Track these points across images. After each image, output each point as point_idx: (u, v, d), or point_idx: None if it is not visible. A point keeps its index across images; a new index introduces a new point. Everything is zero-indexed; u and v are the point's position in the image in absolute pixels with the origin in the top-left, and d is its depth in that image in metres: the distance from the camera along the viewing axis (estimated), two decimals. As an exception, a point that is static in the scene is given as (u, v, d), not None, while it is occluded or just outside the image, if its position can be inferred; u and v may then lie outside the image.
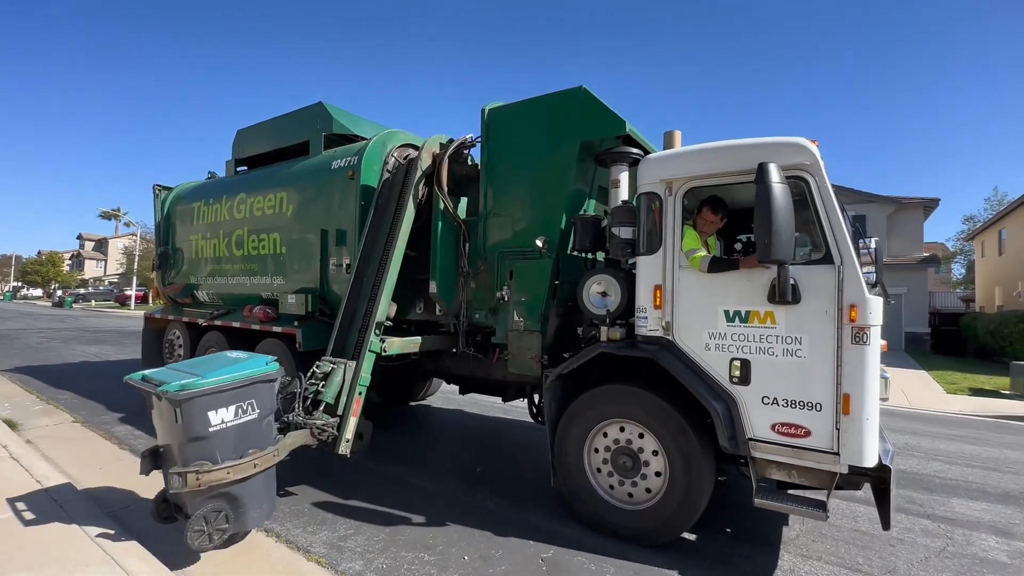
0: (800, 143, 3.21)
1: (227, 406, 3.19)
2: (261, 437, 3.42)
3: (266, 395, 3.43)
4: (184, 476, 3.01)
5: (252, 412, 3.32)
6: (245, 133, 7.31)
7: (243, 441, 3.27)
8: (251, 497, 3.30)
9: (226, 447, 3.18)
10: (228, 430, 3.19)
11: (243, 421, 3.26)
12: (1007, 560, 3.67)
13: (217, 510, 3.14)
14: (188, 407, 3.04)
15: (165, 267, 8.13)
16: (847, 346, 2.99)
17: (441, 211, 4.86)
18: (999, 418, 8.66)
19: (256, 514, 3.38)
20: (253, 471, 3.27)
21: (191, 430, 3.06)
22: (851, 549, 3.73)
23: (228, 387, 3.19)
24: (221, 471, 3.11)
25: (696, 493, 3.41)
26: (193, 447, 3.09)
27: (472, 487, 4.70)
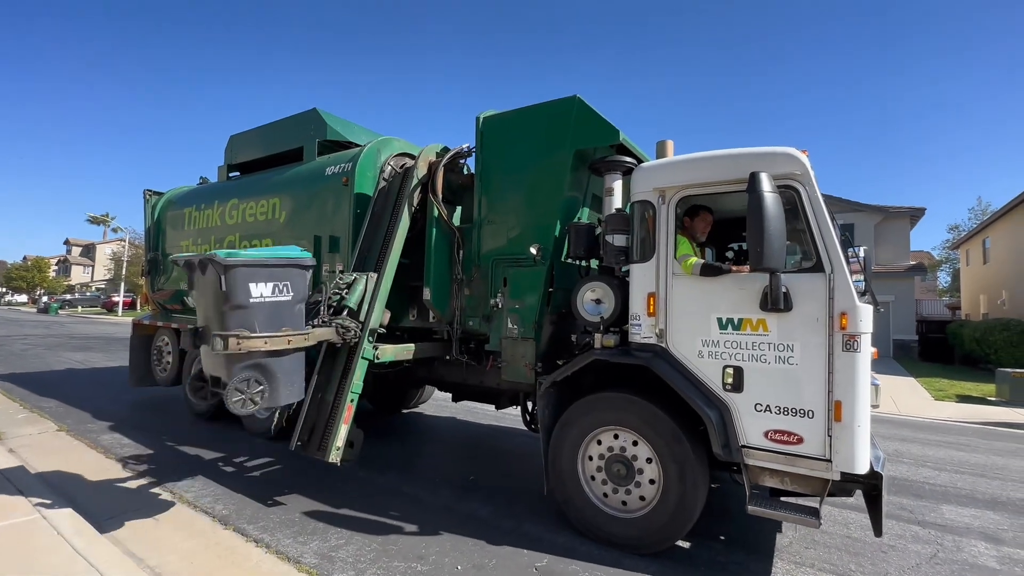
0: (791, 153, 3.26)
1: (266, 282, 3.54)
2: (293, 320, 3.72)
3: (299, 281, 3.78)
4: (226, 339, 3.31)
5: (287, 294, 3.66)
6: (238, 139, 7.29)
7: (277, 319, 3.59)
8: (283, 375, 3.62)
9: (263, 320, 3.49)
10: (265, 304, 3.52)
11: (278, 300, 3.60)
12: (996, 566, 3.71)
13: (255, 381, 3.45)
14: (232, 275, 3.37)
15: (155, 273, 8.04)
16: (838, 353, 3.03)
17: (436, 218, 4.86)
18: (986, 424, 8.77)
19: (287, 392, 3.68)
20: (287, 346, 3.60)
21: (233, 297, 3.39)
22: (843, 556, 3.75)
23: (268, 262, 3.57)
24: (259, 340, 3.44)
25: (690, 501, 3.41)
26: (234, 315, 3.41)
27: (465, 495, 4.67)
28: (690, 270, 3.52)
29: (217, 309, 3.43)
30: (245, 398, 3.40)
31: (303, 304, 3.86)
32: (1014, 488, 5.44)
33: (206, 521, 3.93)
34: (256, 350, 3.42)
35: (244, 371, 3.42)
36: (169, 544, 3.53)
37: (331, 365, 4.60)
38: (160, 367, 7.88)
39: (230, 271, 3.36)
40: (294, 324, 3.71)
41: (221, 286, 3.34)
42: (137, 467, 5.06)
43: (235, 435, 6.27)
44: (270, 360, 3.53)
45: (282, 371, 3.61)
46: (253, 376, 3.44)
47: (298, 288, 3.74)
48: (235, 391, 3.36)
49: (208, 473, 4.97)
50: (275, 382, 3.56)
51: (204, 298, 3.55)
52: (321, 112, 6.37)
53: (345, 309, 4.38)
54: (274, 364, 3.55)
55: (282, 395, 3.64)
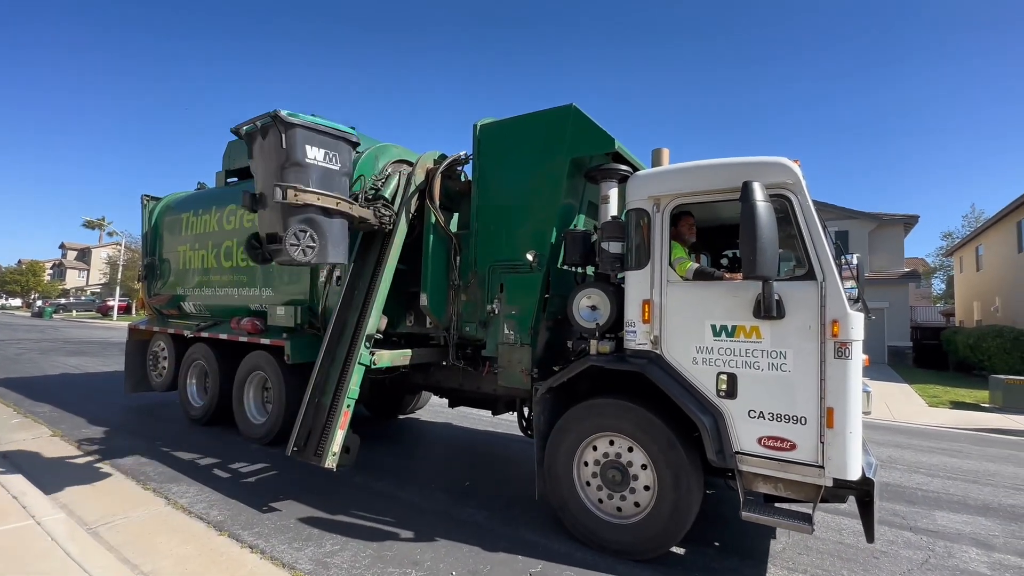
0: (783, 163, 3.31)
1: (319, 147, 4.02)
2: (339, 189, 4.20)
3: (346, 155, 4.29)
4: (285, 189, 3.77)
5: (335, 163, 4.15)
6: (237, 144, 7.30)
7: (327, 183, 4.08)
8: (331, 235, 4.13)
9: (315, 181, 3.98)
10: (318, 167, 4.01)
11: (328, 167, 4.09)
12: (987, 572, 3.74)
13: (304, 230, 3.92)
14: (291, 134, 3.83)
15: (151, 278, 8.04)
16: (830, 360, 3.06)
17: (433, 225, 4.90)
18: (979, 431, 8.82)
19: (334, 252, 4.18)
20: (335, 206, 4.11)
21: (292, 155, 3.84)
22: (836, 562, 3.77)
23: (322, 129, 4.04)
24: (312, 194, 3.94)
25: (684, 508, 3.43)
26: (291, 172, 3.86)
27: (461, 501, 4.68)
28: (684, 272, 3.58)
29: (277, 167, 3.87)
30: (300, 246, 3.88)
31: (348, 178, 4.37)
32: (1006, 494, 5.48)
33: (200, 527, 3.92)
34: (310, 203, 3.91)
35: (299, 224, 3.88)
36: (163, 550, 3.52)
37: (328, 369, 4.62)
38: (156, 372, 7.87)
39: (291, 129, 3.82)
40: (341, 192, 4.21)
41: (282, 143, 3.81)
42: (132, 473, 5.05)
43: (230, 440, 6.26)
44: (321, 218, 4.02)
45: (331, 232, 4.10)
46: (307, 229, 3.93)
47: (344, 161, 4.24)
48: (293, 238, 3.85)
49: (203, 479, 4.96)
50: (324, 240, 4.04)
51: (264, 162, 3.99)
52: (319, 118, 6.41)
53: (380, 199, 4.89)
54: (324, 223, 4.03)
55: (330, 253, 4.13)
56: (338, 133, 4.17)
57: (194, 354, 7.05)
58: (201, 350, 6.93)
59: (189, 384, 7.17)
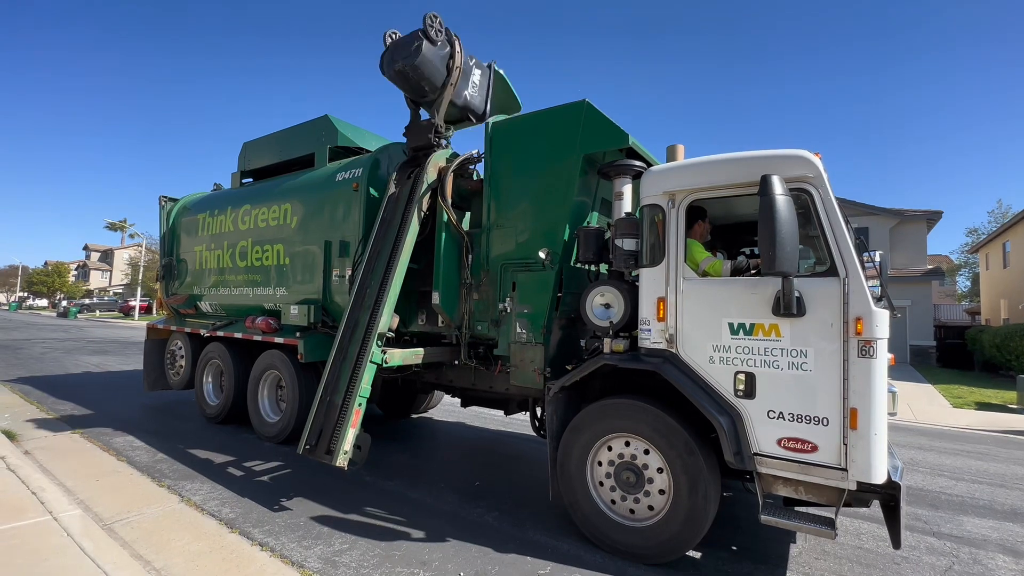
0: (803, 156, 3.21)
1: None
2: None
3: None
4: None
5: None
6: (251, 145, 7.37)
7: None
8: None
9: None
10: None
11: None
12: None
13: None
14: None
15: (169, 278, 8.15)
16: (853, 359, 2.96)
17: (445, 223, 4.87)
18: (1006, 433, 8.53)
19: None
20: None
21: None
22: (855, 567, 3.65)
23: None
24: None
25: (700, 514, 3.34)
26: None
27: (470, 501, 4.64)
28: (720, 271, 3.50)
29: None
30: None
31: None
32: None
33: (212, 524, 3.94)
34: None
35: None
36: (175, 546, 3.54)
37: (339, 368, 4.62)
38: (173, 371, 7.97)
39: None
40: None
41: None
42: (147, 470, 5.10)
43: (245, 439, 6.30)
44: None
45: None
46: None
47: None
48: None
49: (216, 476, 4.99)
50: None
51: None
52: (332, 119, 6.43)
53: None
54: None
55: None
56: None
57: (210, 353, 7.13)
58: (217, 349, 7.00)
59: (205, 382, 7.25)
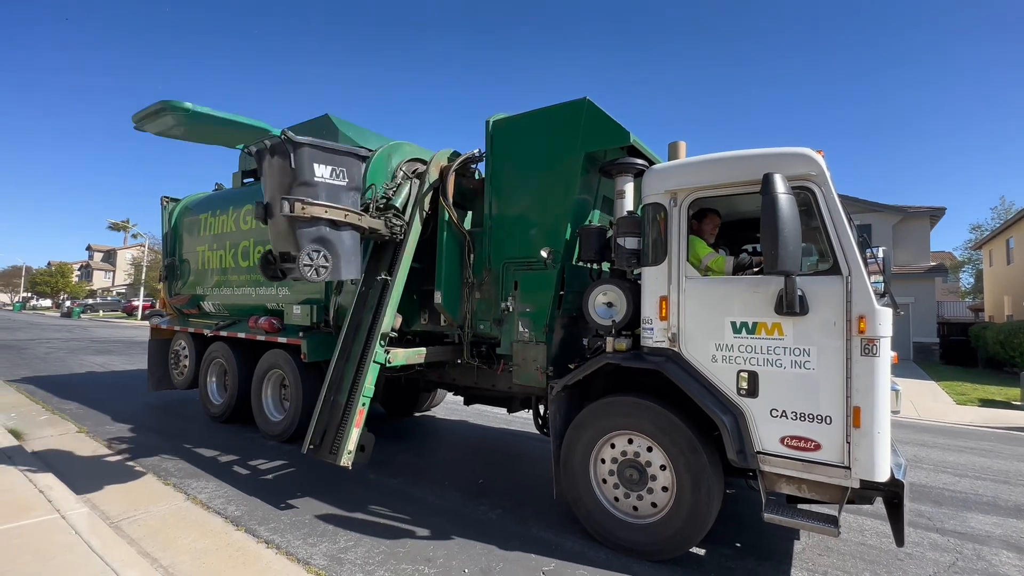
0: (806, 153, 3.20)
1: (326, 165, 4.00)
2: (347, 203, 4.18)
3: (355, 170, 4.23)
4: (292, 202, 3.77)
5: (343, 179, 4.12)
6: (252, 145, 7.38)
7: (335, 199, 4.06)
8: (344, 251, 4.13)
9: (323, 197, 3.96)
10: (325, 184, 4.00)
11: (335, 183, 4.06)
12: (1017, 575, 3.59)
13: (317, 250, 3.93)
14: (299, 153, 3.84)
15: (172, 278, 8.17)
16: (856, 358, 2.96)
17: (446, 222, 4.87)
18: (1010, 430, 8.51)
19: (347, 268, 4.17)
20: (343, 219, 4.09)
21: (300, 174, 3.85)
22: (858, 563, 3.66)
23: (330, 147, 4.04)
24: (320, 207, 3.92)
25: (703, 511, 3.35)
26: (299, 190, 3.86)
27: (474, 499, 4.66)
28: (723, 268, 3.51)
29: (283, 186, 3.88)
30: (314, 266, 3.90)
31: (358, 192, 4.34)
32: None
33: (218, 522, 3.97)
34: (318, 216, 3.91)
35: (311, 244, 3.91)
36: (182, 544, 3.57)
37: (343, 368, 4.63)
38: (177, 371, 8.00)
39: (299, 149, 3.84)
40: (350, 206, 4.21)
41: (290, 163, 3.81)
42: (153, 468, 5.13)
43: (249, 438, 6.33)
44: (331, 233, 4.04)
45: (342, 246, 4.11)
46: (321, 249, 3.95)
47: (353, 176, 4.21)
48: (306, 257, 3.85)
49: (222, 475, 5.02)
50: (337, 257, 4.05)
51: (272, 179, 4.00)
52: (333, 118, 6.42)
53: (392, 209, 4.86)
54: (335, 238, 4.06)
55: (343, 270, 4.13)
56: (345, 150, 4.17)
57: (213, 353, 7.15)
58: (220, 349, 7.02)
59: (209, 382, 7.28)
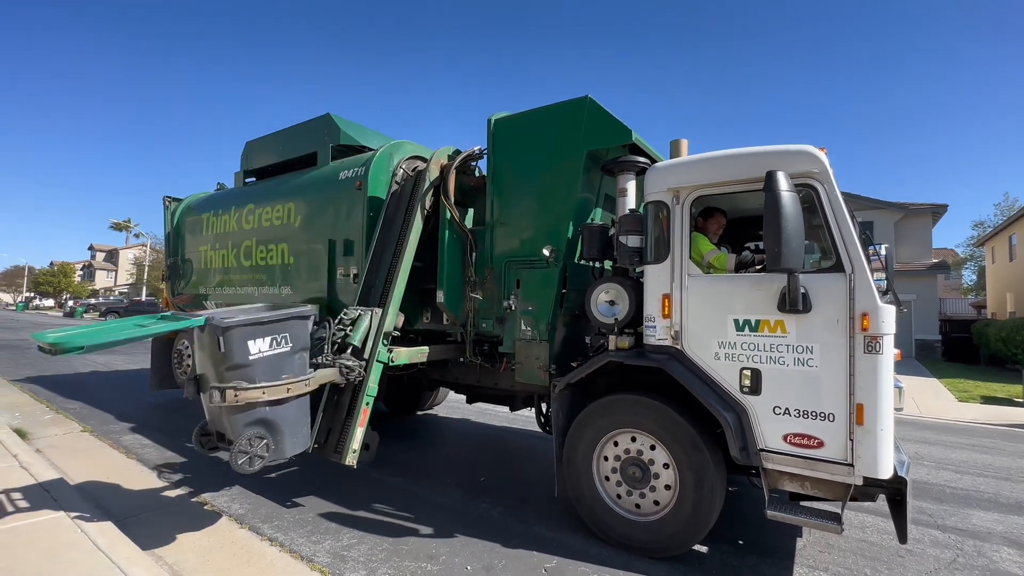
0: (808, 151, 3.20)
1: (264, 337, 3.47)
2: (293, 368, 3.66)
3: (300, 331, 3.72)
4: (224, 391, 3.26)
5: (286, 345, 3.58)
6: (254, 145, 7.39)
7: (277, 369, 3.52)
8: (287, 425, 3.58)
9: (262, 373, 3.44)
10: (264, 359, 3.46)
11: (277, 352, 3.53)
12: (1019, 572, 3.61)
13: (259, 436, 3.39)
14: (229, 336, 3.31)
15: (174, 278, 8.18)
16: (859, 355, 2.96)
17: (448, 220, 4.87)
18: (1012, 426, 8.52)
19: (292, 443, 3.64)
20: (286, 395, 3.53)
21: (232, 357, 3.31)
22: (859, 560, 3.67)
23: (265, 320, 3.50)
24: (256, 390, 3.37)
25: (706, 509, 3.36)
26: (233, 373, 3.35)
27: (476, 497, 4.68)
28: (724, 265, 3.52)
29: (216, 368, 3.37)
30: (251, 455, 3.33)
31: (305, 351, 3.78)
32: None
33: (223, 520, 3.99)
34: (256, 400, 3.38)
35: (248, 428, 3.36)
36: (187, 542, 3.59)
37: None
38: (180, 370, 8.02)
39: (227, 332, 3.27)
40: (295, 372, 3.63)
41: (219, 347, 3.28)
42: (157, 467, 5.16)
43: (252, 436, 6.35)
44: (273, 411, 3.47)
45: (286, 422, 3.56)
46: (256, 432, 3.38)
47: (299, 337, 3.68)
48: (240, 452, 3.29)
49: (225, 473, 5.03)
50: (279, 434, 3.51)
51: (203, 352, 3.50)
52: (334, 117, 6.43)
53: (349, 347, 4.24)
54: (277, 416, 3.49)
55: (287, 447, 3.59)
56: (286, 316, 3.60)
57: (216, 351, 7.17)
58: (223, 347, 7.03)
59: (212, 381, 7.30)
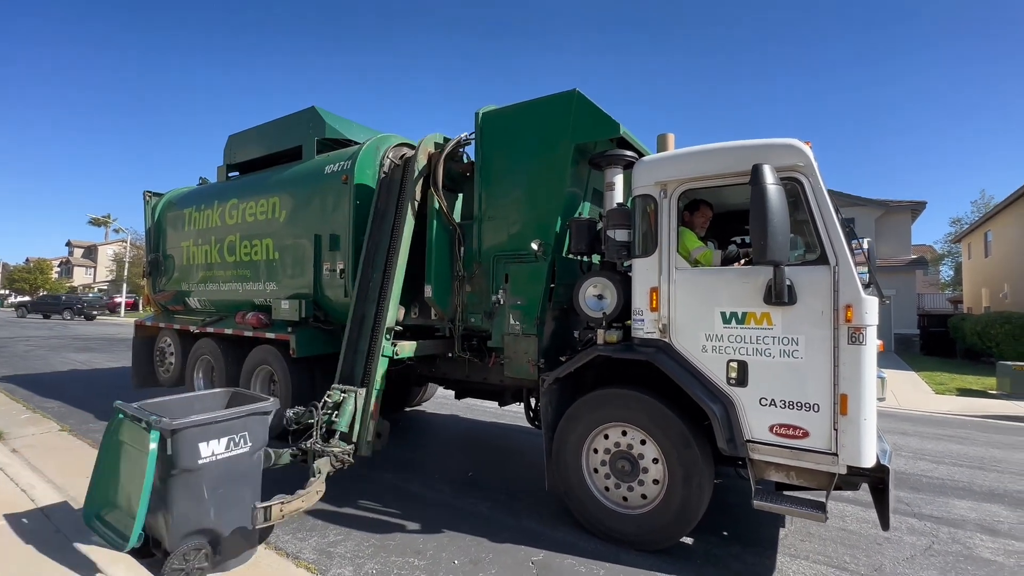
0: (794, 144, 3.23)
1: (220, 437, 3.13)
2: (251, 471, 3.36)
3: (259, 427, 3.39)
4: (268, 510, 3.09)
5: (244, 445, 3.26)
6: (237, 138, 7.27)
7: (231, 474, 3.20)
8: (234, 534, 3.19)
9: (212, 480, 3.09)
10: (214, 464, 3.10)
11: (233, 454, 3.20)
12: (991, 557, 3.72)
13: (197, 548, 3.01)
14: (178, 439, 2.96)
15: (156, 274, 8.04)
16: (843, 346, 3.00)
17: (437, 211, 4.84)
18: (986, 417, 8.75)
19: (238, 552, 3.25)
20: (281, 520, 3.25)
21: (178, 462, 2.96)
22: (838, 548, 3.75)
23: (222, 419, 3.16)
24: (296, 501, 3.26)
25: (694, 505, 3.39)
26: (175, 482, 2.99)
27: (464, 492, 4.68)
28: (710, 261, 3.55)
29: (160, 475, 2.95)
30: (187, 569, 2.96)
31: (263, 449, 3.49)
32: (1012, 480, 5.44)
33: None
34: (294, 511, 3.24)
35: (187, 539, 2.99)
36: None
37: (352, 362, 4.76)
38: (163, 368, 7.88)
39: (176, 435, 2.94)
40: (251, 475, 3.35)
41: (167, 450, 2.93)
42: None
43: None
44: (215, 522, 3.11)
45: (232, 531, 3.18)
46: (196, 544, 3.01)
47: (258, 435, 3.37)
48: (173, 569, 2.92)
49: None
50: (221, 545, 3.14)
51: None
52: (319, 110, 6.35)
53: (337, 432, 4.23)
54: (223, 527, 3.13)
55: (231, 559, 3.20)
56: (245, 412, 3.27)
57: (200, 349, 7.05)
58: (207, 345, 6.92)
59: (196, 379, 7.17)
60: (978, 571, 3.51)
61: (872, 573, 3.43)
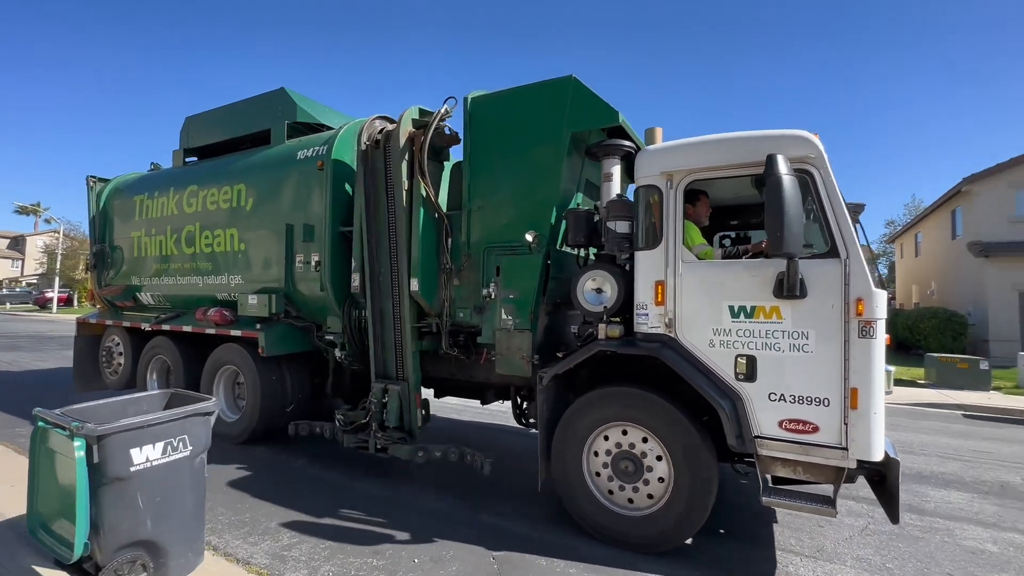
0: (805, 136, 3.20)
1: (156, 442, 2.79)
2: (193, 476, 3.00)
3: (200, 429, 3.04)
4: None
5: (184, 448, 2.93)
6: (196, 120, 6.73)
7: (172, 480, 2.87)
8: (175, 544, 2.87)
9: (148, 490, 2.76)
10: (148, 471, 2.76)
11: (172, 459, 2.87)
12: (919, 535, 4.00)
13: (132, 560, 2.70)
14: (106, 445, 2.63)
15: (102, 267, 7.35)
16: (854, 340, 2.99)
17: (424, 198, 4.58)
18: (915, 405, 9.37)
19: (180, 563, 2.93)
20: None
21: (107, 471, 2.63)
22: (784, 531, 3.93)
23: (156, 422, 2.81)
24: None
25: (702, 503, 3.32)
26: (106, 491, 2.67)
27: (422, 490, 4.62)
28: (712, 259, 3.54)
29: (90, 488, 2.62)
30: None
31: (204, 454, 3.10)
32: (938, 463, 5.84)
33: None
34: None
35: (121, 551, 2.68)
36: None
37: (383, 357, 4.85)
38: (110, 369, 7.23)
39: (103, 440, 2.61)
40: (194, 481, 3.00)
41: (93, 457, 2.60)
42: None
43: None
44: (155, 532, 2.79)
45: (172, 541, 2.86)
46: (131, 556, 2.71)
47: (199, 438, 3.03)
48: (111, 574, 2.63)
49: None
50: (163, 557, 2.82)
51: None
52: (290, 92, 5.95)
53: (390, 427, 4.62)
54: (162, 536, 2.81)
55: (172, 570, 2.88)
56: (183, 414, 2.94)
57: (154, 348, 6.49)
58: (162, 344, 6.38)
59: (150, 381, 6.61)
60: (907, 548, 3.77)
61: (815, 553, 3.61)
